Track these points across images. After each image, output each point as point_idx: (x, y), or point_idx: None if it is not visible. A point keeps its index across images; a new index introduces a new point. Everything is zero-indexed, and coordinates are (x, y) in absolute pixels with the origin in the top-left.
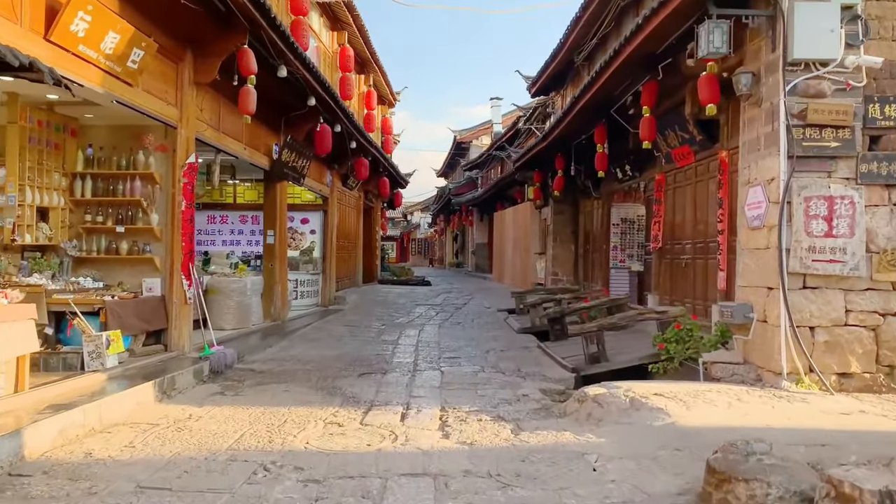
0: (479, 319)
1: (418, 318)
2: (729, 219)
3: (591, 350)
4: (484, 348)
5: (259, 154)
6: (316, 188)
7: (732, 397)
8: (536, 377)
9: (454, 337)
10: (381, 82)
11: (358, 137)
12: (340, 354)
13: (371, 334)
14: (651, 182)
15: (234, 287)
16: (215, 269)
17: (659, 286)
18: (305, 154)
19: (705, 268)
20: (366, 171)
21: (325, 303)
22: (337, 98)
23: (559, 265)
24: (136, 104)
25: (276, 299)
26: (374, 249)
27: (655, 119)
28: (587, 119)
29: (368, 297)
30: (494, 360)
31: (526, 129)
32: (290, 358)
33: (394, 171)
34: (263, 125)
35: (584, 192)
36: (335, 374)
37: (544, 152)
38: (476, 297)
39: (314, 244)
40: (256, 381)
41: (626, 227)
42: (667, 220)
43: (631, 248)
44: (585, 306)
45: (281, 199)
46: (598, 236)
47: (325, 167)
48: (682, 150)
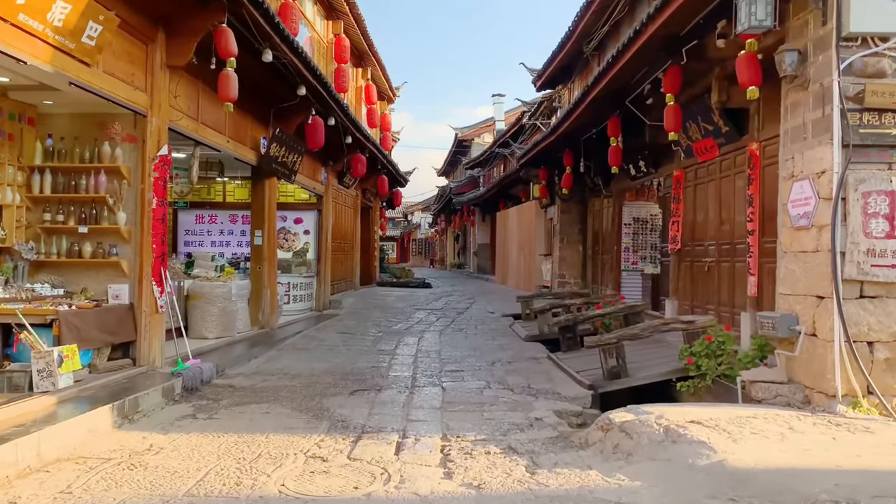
0: (483, 326)
1: (418, 324)
2: (760, 218)
3: (610, 364)
4: (489, 359)
5: (245, 148)
6: (309, 186)
7: (783, 425)
8: (549, 395)
9: (456, 346)
10: (379, 77)
11: (354, 132)
12: (332, 367)
13: (366, 343)
14: (668, 179)
15: (217, 292)
16: (199, 273)
17: (678, 291)
18: (296, 149)
19: (732, 272)
20: (363, 168)
21: (319, 307)
22: (329, 87)
23: (566, 267)
24: (96, 87)
25: (265, 305)
26: (373, 250)
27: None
28: (600, 111)
29: (366, 300)
30: (501, 373)
31: (531, 124)
32: (276, 371)
33: (393, 169)
34: (250, 116)
35: (593, 191)
36: (324, 390)
37: (551, 148)
38: (479, 301)
39: (308, 245)
40: (235, 400)
41: (638, 227)
42: (686, 219)
43: (644, 249)
44: (599, 314)
45: (270, 197)
46: (609, 237)
47: (320, 164)
48: (704, 143)
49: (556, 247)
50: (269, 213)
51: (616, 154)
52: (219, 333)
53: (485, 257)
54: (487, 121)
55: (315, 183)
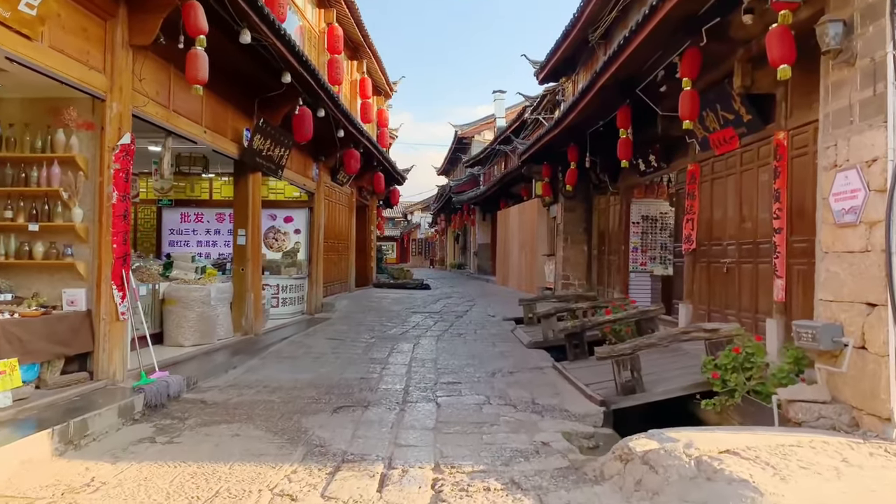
0: (483, 330)
1: (414, 328)
2: (788, 214)
3: (624, 377)
4: (489, 369)
5: (225, 140)
6: (299, 182)
7: (835, 457)
8: (556, 413)
9: (454, 353)
10: (375, 70)
11: (346, 125)
12: (317, 378)
13: (357, 350)
14: (682, 174)
15: (194, 296)
16: (178, 275)
17: (693, 294)
18: (283, 142)
19: (754, 274)
20: (356, 164)
21: (310, 311)
22: (317, 74)
23: (570, 268)
24: (41, 64)
25: (248, 309)
26: (369, 251)
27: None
28: (608, 100)
29: (360, 303)
30: (502, 386)
31: (533, 119)
32: (255, 384)
33: (389, 166)
34: (231, 106)
35: (599, 188)
36: (305, 407)
37: (555, 142)
38: (479, 304)
39: (299, 245)
40: (203, 418)
41: (647, 226)
42: (702, 217)
43: (653, 249)
44: (609, 319)
45: (254, 194)
46: (615, 236)
47: (311, 159)
48: (723, 133)
49: (559, 247)
50: (254, 211)
51: (626, 147)
52: (196, 341)
53: (485, 257)
54: (488, 118)
55: (306, 179)
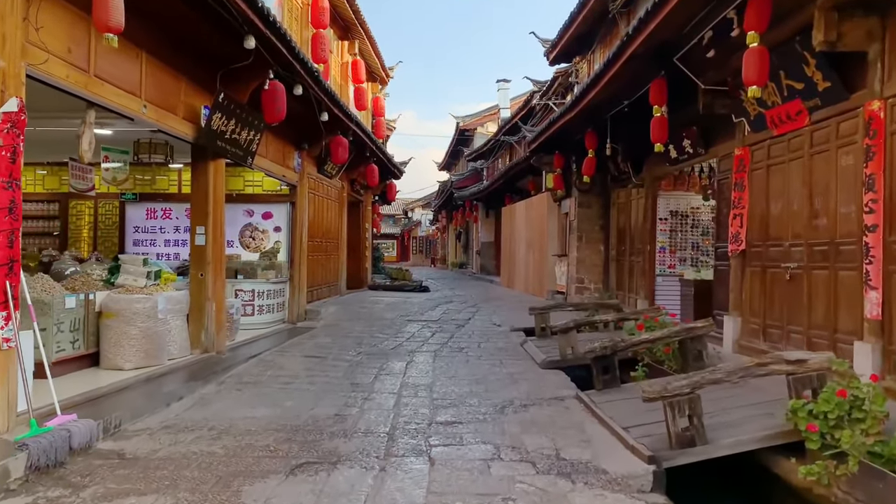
0: (488, 344)
1: (409, 341)
2: (887, 207)
3: (680, 425)
4: (497, 400)
5: (174, 118)
6: (277, 173)
7: None
8: (591, 475)
9: (454, 376)
10: (369, 53)
11: (330, 105)
12: (279, 416)
13: (338, 372)
14: (726, 160)
15: (136, 308)
16: (125, 281)
17: (741, 304)
18: (252, 123)
19: (832, 282)
20: (344, 153)
21: (292, 319)
22: (288, 39)
23: (585, 270)
24: None
25: (209, 322)
26: (363, 250)
27: (767, 52)
28: (638, 73)
29: (351, 309)
30: (516, 428)
31: (542, 105)
32: (199, 424)
33: (385, 158)
34: (184, 78)
35: (619, 180)
36: (253, 465)
37: (570, 127)
38: (482, 310)
39: (279, 245)
40: (109, 486)
41: (676, 223)
42: (754, 212)
43: (683, 249)
44: (647, 339)
45: (216, 184)
46: (639, 234)
47: (292, 147)
48: (786, 108)
49: (572, 246)
50: (215, 205)
51: (661, 127)
52: (140, 363)
53: (488, 257)
54: (491, 108)
55: (285, 170)
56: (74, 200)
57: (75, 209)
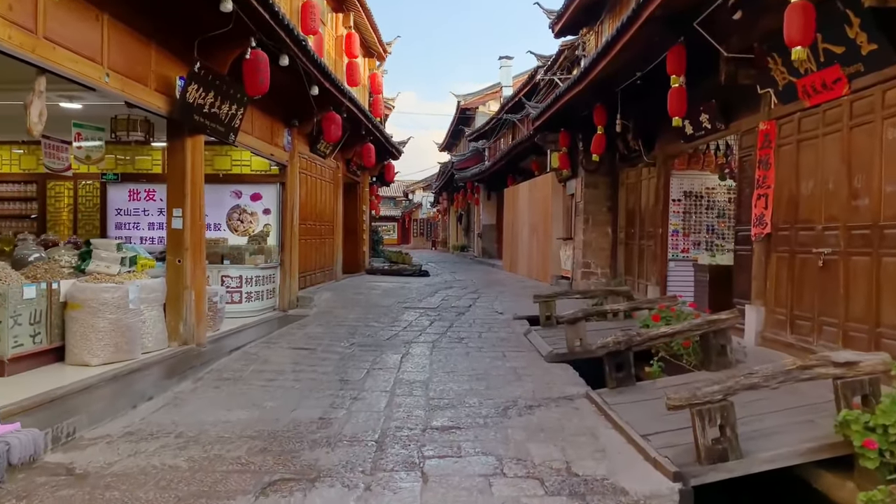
0: (490, 334)
1: (405, 330)
2: None
3: (710, 437)
4: (500, 399)
5: (144, 89)
6: (265, 152)
7: None
8: (608, 496)
9: (453, 371)
10: (366, 26)
11: (320, 79)
12: (257, 419)
13: (327, 367)
14: (749, 136)
15: (105, 297)
16: (96, 268)
17: (765, 293)
18: (233, 96)
19: (874, 271)
20: (338, 131)
21: (283, 306)
22: (269, 3)
23: (592, 254)
24: None
25: (187, 312)
26: (361, 233)
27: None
28: (651, 40)
29: (346, 295)
30: (520, 435)
31: (547, 81)
32: (166, 430)
33: (382, 137)
34: (155, 44)
35: (628, 159)
36: (220, 481)
37: (577, 102)
38: (484, 296)
39: (269, 228)
40: None
41: (690, 204)
42: (781, 192)
43: (697, 232)
44: (664, 333)
45: (194, 163)
46: (650, 216)
47: (281, 123)
48: (821, 75)
49: (578, 229)
50: (194, 185)
51: (679, 99)
52: (109, 357)
53: (490, 240)
54: (493, 87)
55: (274, 148)
56: (52, 181)
57: (54, 190)
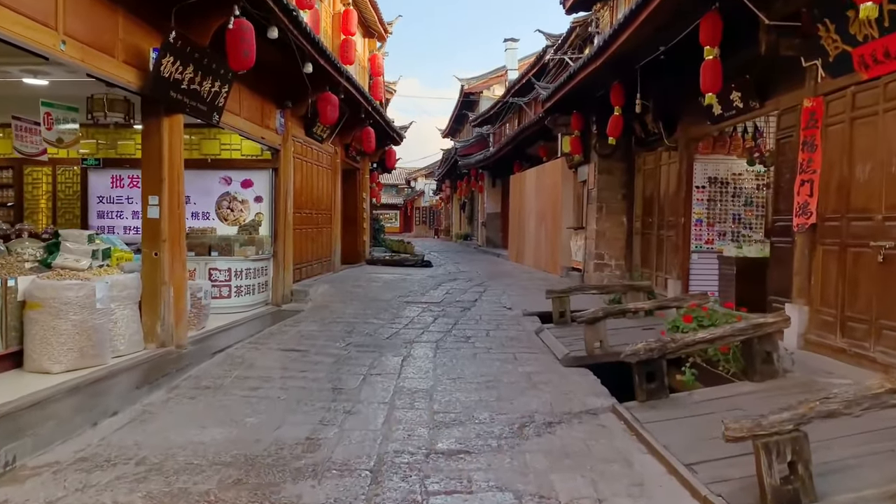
0: (498, 332)
1: (407, 328)
2: None
3: (778, 473)
4: (514, 415)
5: (110, 60)
6: (254, 135)
7: None
8: None
9: (459, 377)
10: (365, 3)
11: (315, 56)
12: (234, 441)
13: (319, 372)
14: (790, 114)
15: (68, 296)
16: (64, 262)
17: (811, 292)
18: (216, 71)
19: None
20: (334, 113)
21: (276, 300)
22: None
23: (605, 245)
24: None
25: (165, 311)
26: (361, 221)
27: None
28: (680, 8)
29: (344, 288)
30: (541, 462)
31: (556, 60)
32: (126, 455)
33: (383, 121)
34: (122, 9)
35: (645, 142)
36: None
37: (593, 80)
38: (491, 289)
39: (261, 217)
40: None
41: (715, 192)
42: (831, 176)
43: (723, 222)
44: (703, 339)
45: (171, 145)
46: (670, 205)
47: (272, 104)
48: (883, 42)
49: (591, 218)
50: (172, 170)
51: (713, 73)
52: (73, 364)
53: (494, 229)
54: (498, 70)
55: (265, 131)
56: (30, 167)
57: (31, 177)
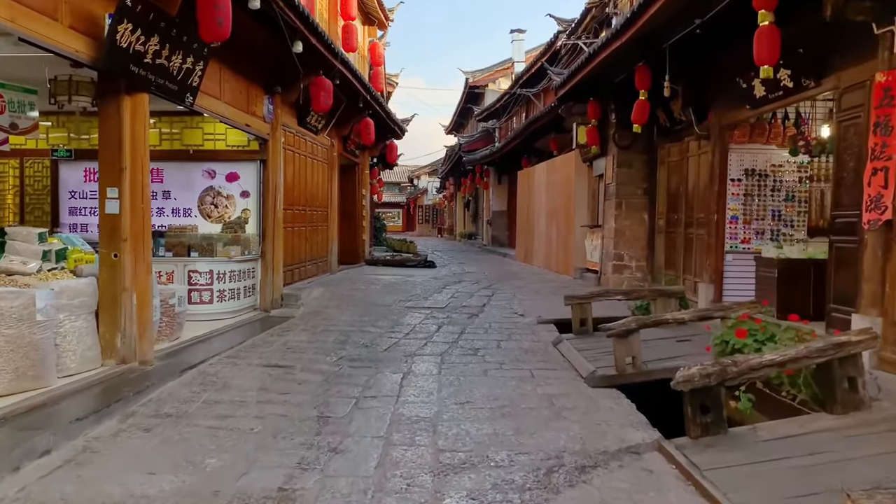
0: (511, 343)
1: (408, 338)
2: None
3: None
4: (537, 456)
5: (52, 24)
6: (238, 121)
7: None
8: None
9: (469, 402)
10: None
11: (305, 33)
12: (187, 495)
13: (303, 395)
14: (855, 92)
15: (0, 307)
16: (9, 265)
17: (885, 302)
18: (187, 45)
19: None
20: (328, 99)
21: (264, 306)
22: None
23: (625, 244)
24: None
25: (127, 321)
26: (360, 219)
27: None
28: None
29: (340, 291)
30: None
31: (570, 46)
32: None
33: (383, 112)
34: None
35: (670, 132)
36: None
37: (613, 63)
38: (499, 292)
39: (248, 214)
40: None
41: (752, 185)
42: None
43: (761, 219)
44: (772, 362)
45: (134, 129)
46: (700, 200)
47: (259, 89)
48: None
49: (609, 215)
50: (135, 158)
51: (770, 41)
52: (6, 387)
53: (500, 227)
54: (504, 62)
55: (251, 118)
56: None
57: None
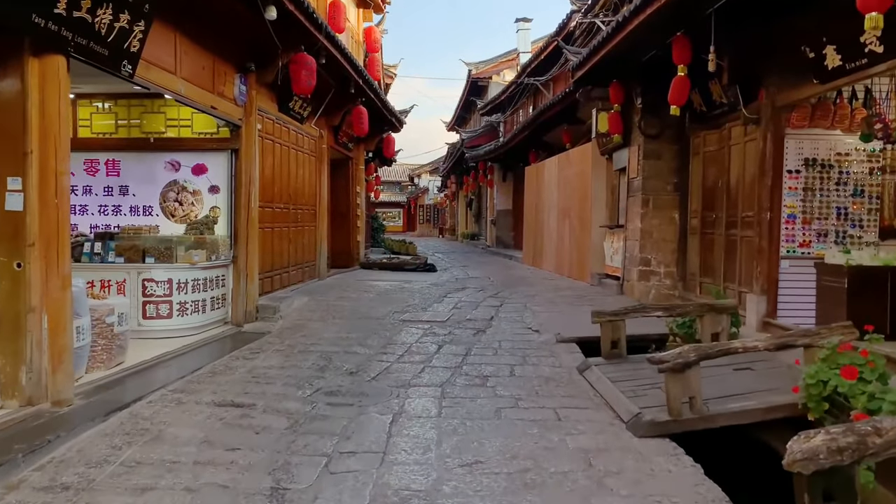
0: (527, 369)
1: (401, 361)
2: None
3: None
4: None
5: None
6: (202, 103)
7: None
8: None
9: (477, 461)
10: None
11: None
12: None
13: (258, 451)
14: None
15: None
16: None
17: None
18: None
19: None
20: (310, 79)
21: (236, 319)
22: None
23: (653, 247)
24: None
25: (33, 351)
26: (354, 219)
27: None
28: None
29: (327, 300)
30: None
31: (585, 26)
32: None
33: (378, 99)
34: None
35: (706, 117)
36: None
37: (644, 34)
38: (509, 302)
39: (218, 212)
40: None
41: (813, 178)
42: None
43: (824, 219)
44: None
45: (45, 102)
46: (746, 196)
47: (229, 65)
48: None
49: (633, 214)
50: (45, 140)
51: None
52: None
53: (505, 227)
54: (509, 53)
55: (218, 99)
56: None
57: None
